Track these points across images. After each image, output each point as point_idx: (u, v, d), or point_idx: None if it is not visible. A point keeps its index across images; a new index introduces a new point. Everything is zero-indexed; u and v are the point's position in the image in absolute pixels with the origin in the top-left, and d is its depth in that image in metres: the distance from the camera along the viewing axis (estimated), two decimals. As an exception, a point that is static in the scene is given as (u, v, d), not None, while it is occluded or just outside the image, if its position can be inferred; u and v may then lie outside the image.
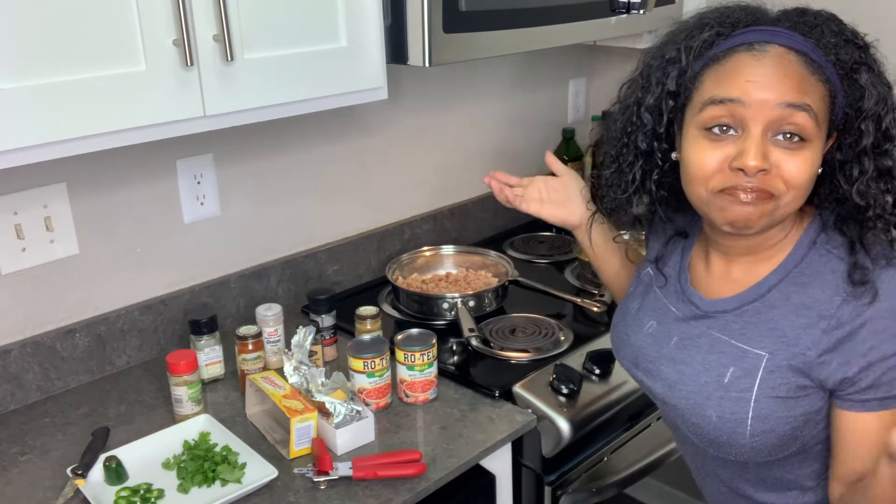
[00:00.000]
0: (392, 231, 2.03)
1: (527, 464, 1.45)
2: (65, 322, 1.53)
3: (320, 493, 1.22)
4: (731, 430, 1.02)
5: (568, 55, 2.40)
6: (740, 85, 0.93)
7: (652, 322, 1.15)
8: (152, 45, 1.15)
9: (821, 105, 0.94)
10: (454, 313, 1.68)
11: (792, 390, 0.98)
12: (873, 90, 0.95)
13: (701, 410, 1.04)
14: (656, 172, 1.06)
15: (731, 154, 0.94)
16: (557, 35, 1.64)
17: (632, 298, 1.22)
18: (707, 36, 0.98)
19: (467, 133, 2.18)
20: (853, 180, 0.97)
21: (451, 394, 1.48)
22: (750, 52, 0.94)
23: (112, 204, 1.54)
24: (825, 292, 0.97)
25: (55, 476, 1.27)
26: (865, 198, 0.97)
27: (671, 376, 1.09)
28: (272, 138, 1.75)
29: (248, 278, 1.76)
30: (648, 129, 1.04)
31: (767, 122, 0.92)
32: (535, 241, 2.20)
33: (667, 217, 1.12)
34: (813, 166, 0.94)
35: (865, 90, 0.95)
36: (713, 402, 1.03)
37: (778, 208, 0.96)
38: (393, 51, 1.44)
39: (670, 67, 1.00)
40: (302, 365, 1.35)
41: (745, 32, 0.96)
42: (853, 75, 0.95)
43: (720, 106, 0.94)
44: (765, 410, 0.99)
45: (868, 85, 0.95)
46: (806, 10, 0.99)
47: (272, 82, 1.30)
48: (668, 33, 1.04)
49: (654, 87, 1.02)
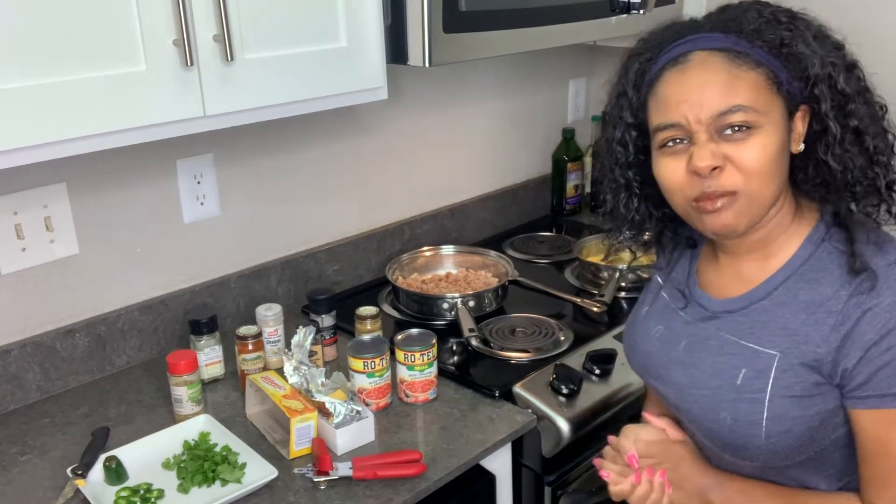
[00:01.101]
0: (392, 231, 2.03)
1: (527, 464, 1.45)
2: (65, 322, 1.53)
3: (320, 493, 1.22)
4: (747, 433, 1.01)
5: (568, 55, 2.40)
6: (674, 108, 0.98)
7: (659, 327, 1.15)
8: (152, 45, 1.15)
9: (757, 93, 0.96)
10: (454, 313, 1.68)
11: (806, 388, 0.98)
12: (814, 56, 0.96)
13: (714, 414, 1.04)
14: (648, 197, 1.11)
15: (688, 160, 0.99)
16: (557, 35, 1.64)
17: (641, 304, 1.23)
18: (638, 66, 1.05)
19: (467, 133, 2.18)
20: (827, 148, 0.99)
21: (451, 394, 1.48)
22: (675, 68, 0.99)
23: (112, 204, 1.54)
24: (833, 288, 0.98)
25: (55, 476, 1.27)
26: (842, 161, 0.98)
27: (682, 380, 1.09)
28: (272, 138, 1.75)
29: (248, 278, 1.76)
30: (622, 161, 1.09)
31: (708, 130, 0.97)
32: (535, 241, 2.20)
33: (675, 232, 1.16)
34: (766, 149, 0.96)
35: (805, 58, 0.96)
36: (727, 404, 1.03)
37: (750, 201, 0.97)
38: (393, 51, 1.44)
39: (622, 101, 1.07)
40: (302, 365, 1.35)
41: (669, 50, 1.01)
42: (788, 49, 0.97)
43: (666, 130, 1.00)
44: (780, 410, 0.99)
45: (807, 53, 0.96)
46: (727, 6, 1.02)
47: (272, 82, 1.30)
48: (619, 66, 1.10)
49: (617, 121, 1.08)
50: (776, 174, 0.98)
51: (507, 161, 2.33)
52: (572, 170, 2.39)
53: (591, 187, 2.45)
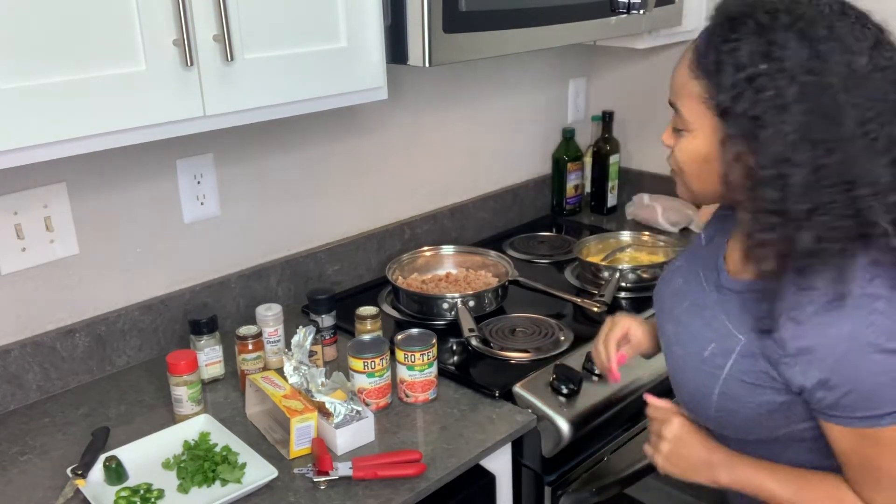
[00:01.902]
0: (392, 231, 2.03)
1: (527, 464, 1.45)
2: (65, 322, 1.53)
3: (320, 493, 1.22)
4: (699, 403, 1.09)
5: (568, 55, 2.40)
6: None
7: (679, 280, 1.20)
8: (152, 45, 1.15)
9: (691, 101, 0.98)
10: (454, 313, 1.68)
11: (759, 378, 1.00)
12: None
13: (681, 375, 1.13)
14: None
15: None
16: (557, 35, 1.64)
17: (681, 255, 1.27)
18: None
19: (467, 133, 2.18)
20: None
21: (451, 394, 1.48)
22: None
23: (112, 204, 1.54)
24: (806, 297, 0.95)
25: (55, 476, 1.27)
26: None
27: (670, 335, 1.17)
28: (272, 138, 1.75)
29: (248, 278, 1.76)
30: None
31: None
32: (535, 241, 2.21)
33: None
34: (686, 153, 1.02)
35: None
36: (690, 371, 1.10)
37: (686, 186, 1.06)
38: (393, 51, 1.44)
39: None
40: (302, 365, 1.35)
41: None
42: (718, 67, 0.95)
43: None
44: (731, 392, 1.04)
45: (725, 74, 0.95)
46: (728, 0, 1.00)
47: (272, 82, 1.30)
48: None
49: None
50: (706, 177, 1.01)
51: (507, 161, 2.33)
52: (572, 170, 2.39)
53: (591, 187, 2.45)
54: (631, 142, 2.46)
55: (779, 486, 1.06)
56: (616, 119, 2.41)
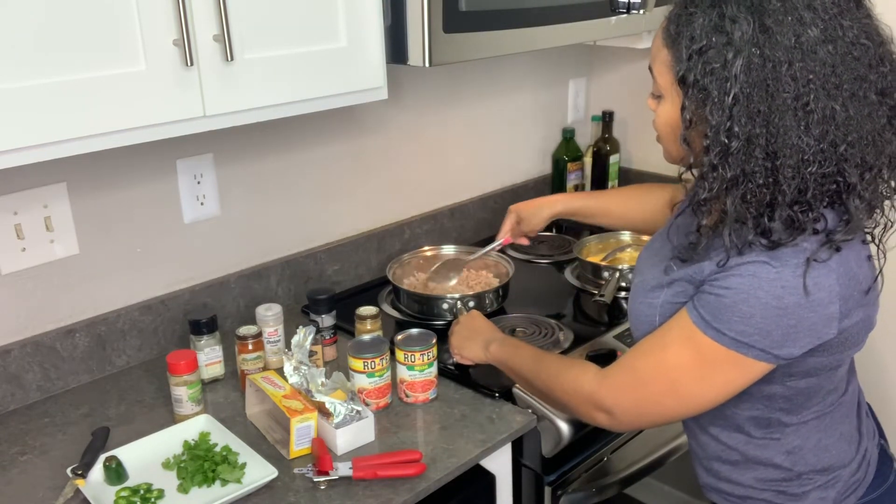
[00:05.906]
0: (392, 231, 2.03)
1: (527, 464, 1.45)
2: (65, 322, 1.53)
3: (320, 493, 1.22)
4: (646, 332, 1.14)
5: (568, 55, 2.40)
6: None
7: (656, 243, 1.27)
8: (152, 45, 1.15)
9: (663, 68, 1.05)
10: (454, 313, 1.68)
11: (686, 298, 1.08)
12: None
13: (632, 306, 1.21)
14: None
15: None
16: (557, 35, 1.64)
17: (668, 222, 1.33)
18: None
19: (467, 133, 2.18)
20: None
21: (451, 394, 1.48)
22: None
23: (112, 204, 1.54)
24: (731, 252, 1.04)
25: (55, 476, 1.27)
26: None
27: (635, 284, 1.23)
28: (272, 138, 1.75)
29: (248, 278, 1.76)
30: None
31: None
32: (535, 241, 2.19)
33: None
34: (660, 117, 1.09)
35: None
36: (637, 304, 1.18)
37: (665, 148, 1.12)
38: (393, 51, 1.44)
39: None
40: (302, 365, 1.35)
41: None
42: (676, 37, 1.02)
43: None
44: (665, 315, 1.11)
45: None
46: None
47: (272, 82, 1.30)
48: None
49: None
50: (676, 141, 1.06)
51: (507, 161, 2.33)
52: (572, 170, 2.39)
53: (591, 187, 2.45)
54: (631, 142, 2.46)
55: (530, 361, 1.26)
56: (616, 119, 2.41)
